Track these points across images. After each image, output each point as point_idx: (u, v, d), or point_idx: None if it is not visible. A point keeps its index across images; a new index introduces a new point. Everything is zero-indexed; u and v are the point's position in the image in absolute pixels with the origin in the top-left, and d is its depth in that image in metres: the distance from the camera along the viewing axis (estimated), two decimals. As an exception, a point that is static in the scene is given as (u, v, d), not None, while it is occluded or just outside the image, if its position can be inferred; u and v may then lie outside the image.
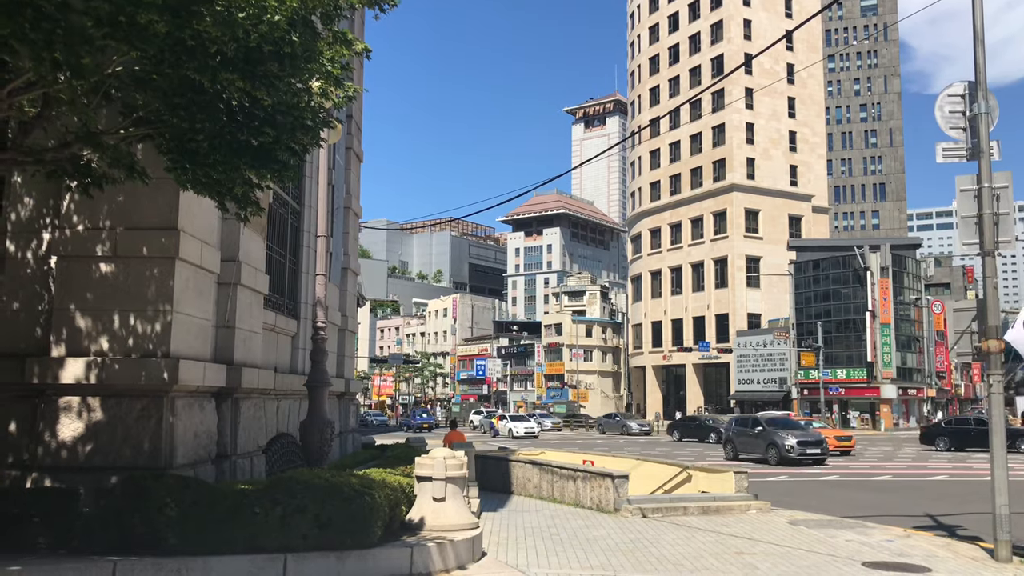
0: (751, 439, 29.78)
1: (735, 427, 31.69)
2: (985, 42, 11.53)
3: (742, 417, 34.92)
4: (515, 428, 49.61)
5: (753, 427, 30.31)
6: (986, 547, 10.85)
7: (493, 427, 53.90)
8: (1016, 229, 11.72)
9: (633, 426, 57.99)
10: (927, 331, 67.50)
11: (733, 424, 32.42)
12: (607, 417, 63.36)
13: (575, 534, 11.72)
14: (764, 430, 29.59)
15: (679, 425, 50.09)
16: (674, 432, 48.98)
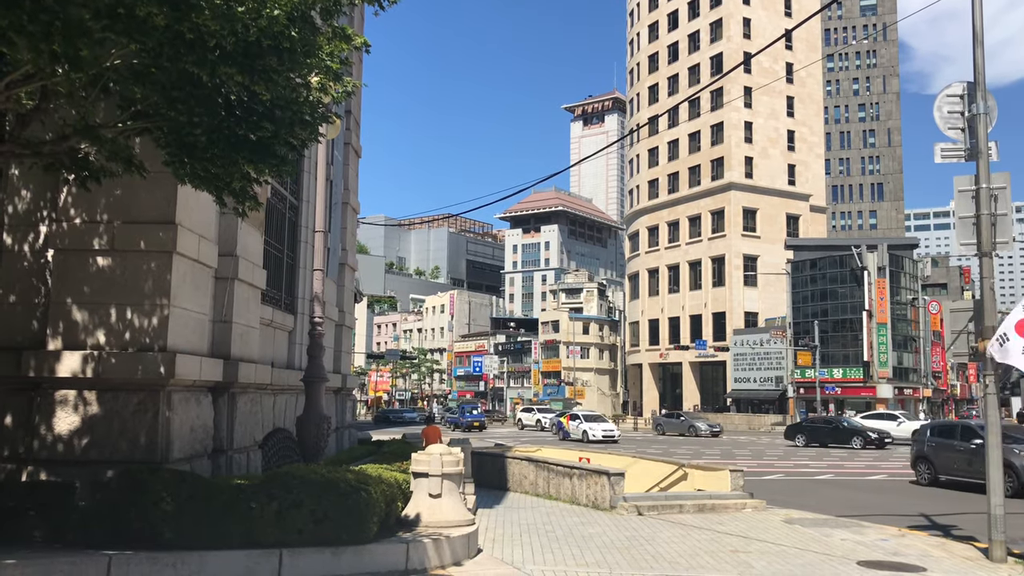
0: (962, 456, 20.32)
1: (934, 437, 21.98)
2: (984, 43, 11.53)
3: (944, 424, 24.33)
4: (591, 430, 42.27)
5: (965, 438, 20.69)
6: (980, 547, 10.88)
7: (562, 427, 45.86)
8: (1014, 230, 11.72)
9: (701, 427, 50.79)
10: (924, 331, 67.59)
11: (929, 434, 22.48)
12: (668, 416, 56.88)
13: (571, 531, 11.73)
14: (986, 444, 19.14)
15: (805, 428, 41.43)
16: (797, 436, 40.70)
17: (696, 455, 30.69)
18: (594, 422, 43.70)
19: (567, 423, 45.03)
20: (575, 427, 43.67)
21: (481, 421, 59.11)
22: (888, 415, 47.47)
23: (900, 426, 43.68)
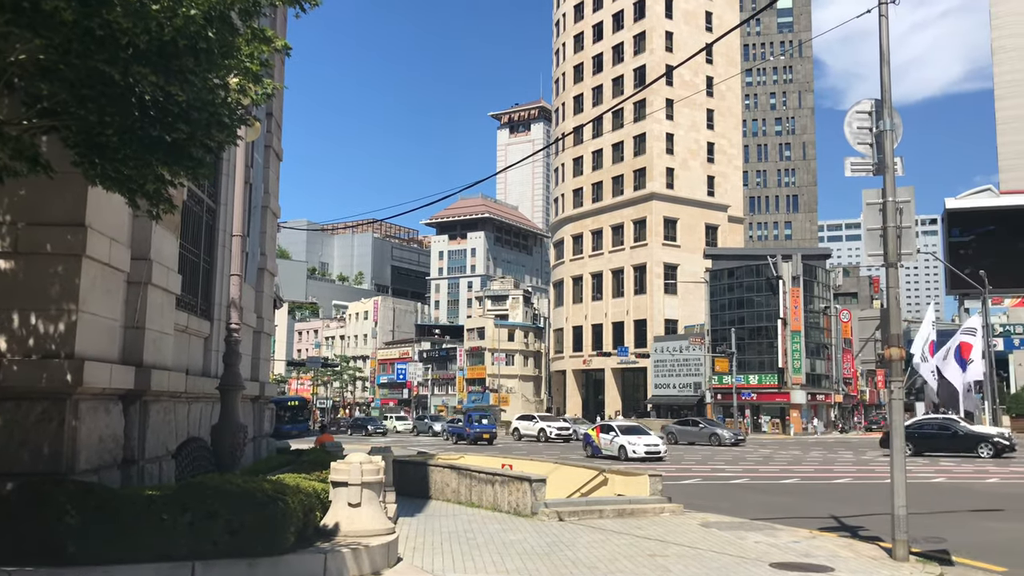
0: None
1: None
2: (891, 63, 12.04)
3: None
4: (631, 445, 33.47)
5: None
6: (885, 546, 11.29)
7: (591, 442, 36.54)
8: (917, 242, 12.24)
9: (725, 435, 45.41)
10: (835, 338, 70.04)
11: None
12: (683, 423, 49.60)
13: (492, 538, 11.74)
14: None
15: (914, 434, 34.37)
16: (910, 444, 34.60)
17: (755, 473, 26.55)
18: (633, 435, 34.73)
19: (597, 436, 36.20)
20: (608, 441, 35.14)
21: (492, 432, 48.79)
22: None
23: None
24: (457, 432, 50.35)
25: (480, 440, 46.51)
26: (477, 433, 47.56)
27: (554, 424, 52.50)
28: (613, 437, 34.77)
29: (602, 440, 35.49)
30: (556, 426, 51.85)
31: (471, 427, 48.70)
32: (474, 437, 47.06)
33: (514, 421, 57.47)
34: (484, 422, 50.65)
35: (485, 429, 48.56)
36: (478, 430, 47.96)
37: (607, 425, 37.24)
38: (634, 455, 32.69)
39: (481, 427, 48.95)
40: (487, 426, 49.89)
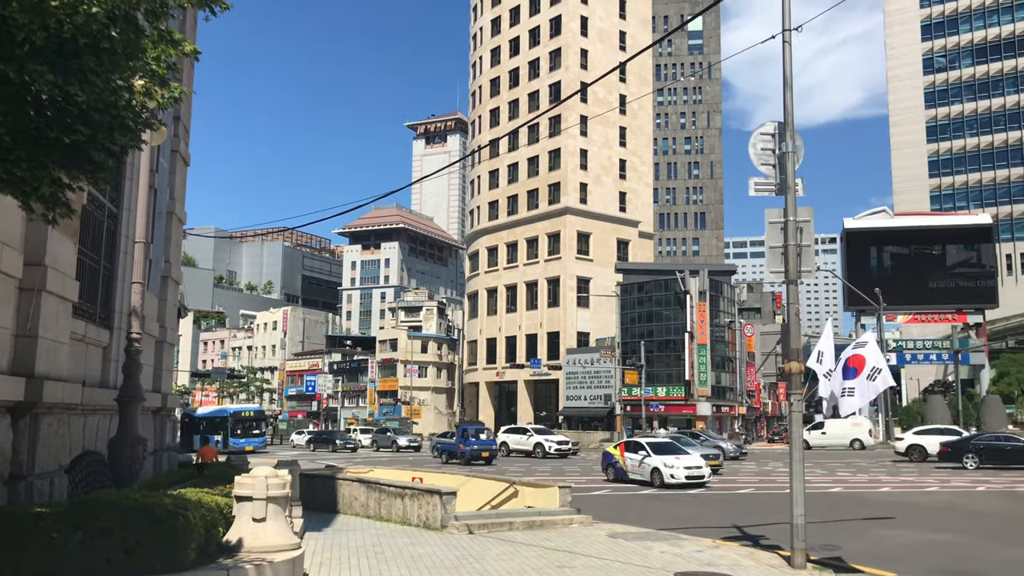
0: None
1: None
2: (794, 87, 12.52)
3: None
4: (669, 468, 25.90)
5: None
6: (784, 555, 11.67)
7: (612, 463, 28.77)
8: (816, 260, 12.73)
9: (729, 448, 41.67)
10: (739, 352, 72.17)
11: None
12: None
13: (401, 552, 11.63)
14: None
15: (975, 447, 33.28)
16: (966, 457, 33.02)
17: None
18: (668, 454, 27.06)
19: (621, 456, 28.30)
20: (636, 463, 27.39)
21: (492, 449, 41.02)
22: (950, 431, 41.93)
23: None
24: (447, 449, 42.20)
25: (477, 459, 39.19)
26: (474, 451, 39.61)
27: (553, 438, 47.32)
28: (644, 458, 27.03)
29: (628, 461, 27.72)
30: (556, 440, 46.90)
31: (467, 443, 40.14)
32: (470, 456, 39.25)
33: (501, 434, 51.50)
34: (483, 437, 41.82)
35: (484, 446, 40.57)
36: (475, 447, 39.90)
37: (634, 442, 29.12)
38: (672, 481, 25.48)
39: (480, 444, 40.56)
40: (486, 442, 41.44)
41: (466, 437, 40.90)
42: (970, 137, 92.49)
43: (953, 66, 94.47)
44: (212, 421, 58.60)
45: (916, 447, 39.10)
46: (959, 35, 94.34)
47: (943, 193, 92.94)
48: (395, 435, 62.03)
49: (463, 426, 44.55)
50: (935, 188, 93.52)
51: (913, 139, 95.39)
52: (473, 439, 40.75)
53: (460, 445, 40.49)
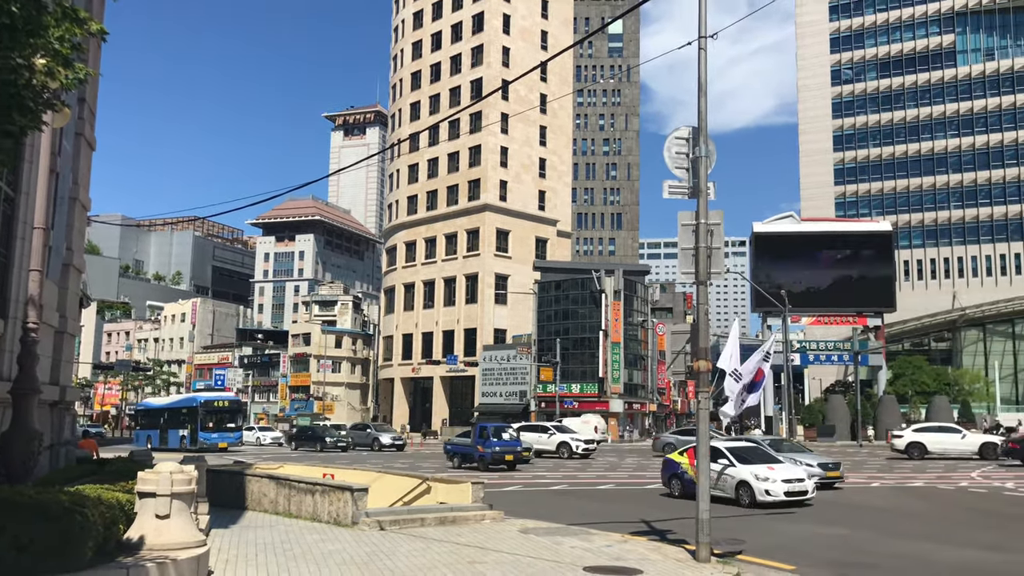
0: None
1: None
2: (709, 93, 12.85)
3: None
4: (763, 482, 19.55)
5: None
6: (690, 549, 11.96)
7: (679, 472, 21.70)
8: (726, 263, 13.09)
9: None
10: (651, 350, 73.70)
11: None
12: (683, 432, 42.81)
13: (310, 549, 11.47)
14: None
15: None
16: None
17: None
18: (758, 462, 20.38)
19: (688, 464, 20.77)
20: (714, 474, 19.36)
21: (515, 452, 33.13)
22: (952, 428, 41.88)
23: (964, 439, 39.44)
24: (460, 451, 34.37)
25: (498, 464, 31.73)
26: (496, 454, 32.04)
27: (580, 436, 42.55)
28: (724, 468, 20.14)
29: None
30: (583, 439, 42.04)
31: (487, 444, 32.41)
32: (491, 459, 31.91)
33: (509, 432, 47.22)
34: (505, 437, 33.85)
35: (507, 448, 32.67)
36: (497, 449, 32.20)
37: (712, 447, 18.09)
38: (767, 499, 19.11)
39: (503, 445, 32.68)
40: (510, 443, 33.36)
41: (485, 437, 32.92)
42: (873, 147, 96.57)
43: (859, 78, 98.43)
44: (176, 413, 50.19)
45: (916, 444, 38.93)
46: (865, 49, 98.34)
47: (847, 200, 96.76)
48: (376, 431, 52.81)
49: (480, 424, 35.81)
50: (840, 195, 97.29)
51: (820, 147, 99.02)
52: (494, 439, 32.93)
53: (478, 447, 32.75)
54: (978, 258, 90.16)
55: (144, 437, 50.45)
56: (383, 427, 57.34)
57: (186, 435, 46.70)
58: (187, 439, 46.33)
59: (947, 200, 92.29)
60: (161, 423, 49.84)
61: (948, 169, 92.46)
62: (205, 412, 47.24)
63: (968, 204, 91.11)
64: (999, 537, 14.93)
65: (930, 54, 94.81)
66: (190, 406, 48.68)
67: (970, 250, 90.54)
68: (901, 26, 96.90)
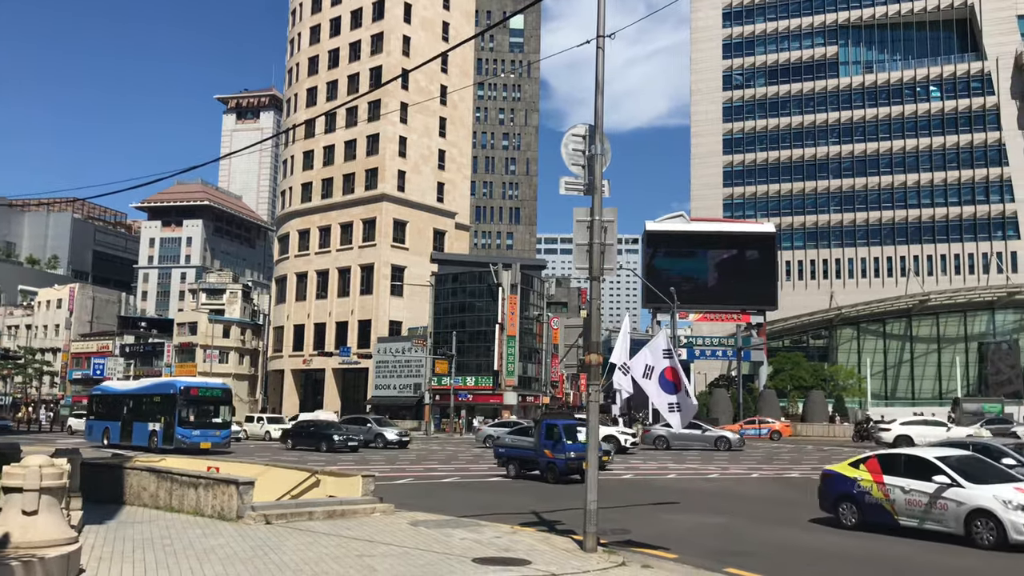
0: None
1: None
2: (606, 92, 13.05)
3: None
4: (1020, 514, 12.62)
5: None
6: (578, 539, 12.18)
7: (854, 494, 15.08)
8: (619, 259, 13.36)
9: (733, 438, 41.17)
10: (546, 344, 74.61)
11: None
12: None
13: (191, 544, 11.10)
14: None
15: None
16: None
17: None
18: (1002, 481, 13.87)
19: (875, 483, 14.86)
20: (923, 497, 14.02)
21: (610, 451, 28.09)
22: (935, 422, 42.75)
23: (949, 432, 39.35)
24: (520, 456, 26.02)
25: (576, 472, 23.20)
26: (573, 460, 23.45)
27: (628, 430, 40.27)
28: (943, 489, 13.77)
29: (897, 493, 14.44)
30: (631, 432, 40.28)
31: (560, 448, 24.05)
32: (564, 468, 23.92)
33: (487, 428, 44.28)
34: (581, 439, 23.50)
35: (581, 452, 21.84)
36: (574, 455, 23.34)
37: (912, 458, 14.86)
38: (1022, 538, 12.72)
39: (581, 449, 22.62)
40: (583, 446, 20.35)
41: (555, 439, 24.31)
42: (760, 152, 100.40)
43: (749, 84, 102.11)
44: (144, 401, 39.65)
45: (904, 437, 38.99)
46: (755, 56, 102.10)
47: (735, 202, 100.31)
48: (379, 427, 45.41)
49: (547, 420, 26.14)
50: (728, 197, 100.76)
51: (711, 150, 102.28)
52: (568, 442, 23.98)
53: (545, 450, 24.47)
54: (854, 260, 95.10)
55: (100, 430, 41.15)
56: (384, 421, 49.53)
57: (157, 430, 37.27)
58: (159, 435, 37.05)
59: (827, 204, 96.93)
60: (124, 413, 40.07)
61: (829, 175, 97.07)
62: (185, 402, 37.05)
63: (846, 209, 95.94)
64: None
65: (815, 64, 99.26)
66: (165, 393, 38.56)
67: (847, 252, 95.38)
68: (789, 35, 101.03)
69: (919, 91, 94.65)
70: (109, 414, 41.46)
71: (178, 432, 36.06)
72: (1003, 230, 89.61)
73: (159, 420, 37.50)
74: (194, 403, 37.32)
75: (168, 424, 36.78)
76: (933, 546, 13.26)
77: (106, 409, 42.09)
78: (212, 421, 37.63)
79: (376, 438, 43.57)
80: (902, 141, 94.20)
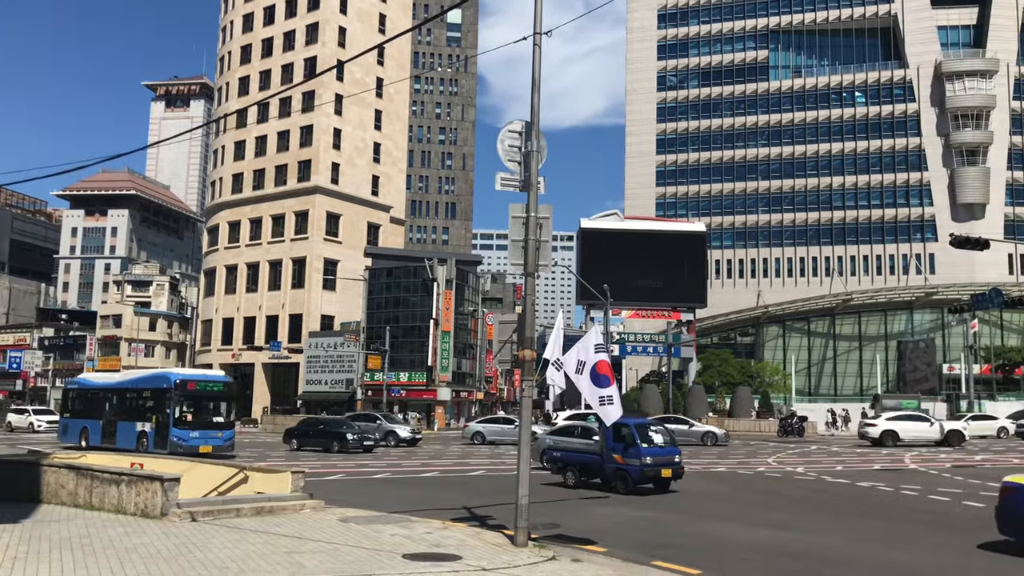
0: None
1: None
2: (543, 90, 13.09)
3: None
4: None
5: None
6: (509, 534, 12.24)
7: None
8: (553, 256, 13.45)
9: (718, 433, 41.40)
10: (480, 340, 74.67)
11: None
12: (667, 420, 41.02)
13: (112, 543, 10.79)
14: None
15: None
16: None
17: None
18: None
19: None
20: None
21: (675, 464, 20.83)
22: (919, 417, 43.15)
23: (932, 428, 40.59)
24: (581, 461, 21.96)
25: (650, 482, 20.27)
26: (649, 467, 19.96)
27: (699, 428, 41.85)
28: None
29: None
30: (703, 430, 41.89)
31: (633, 453, 20.12)
32: (642, 476, 19.99)
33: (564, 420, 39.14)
34: (658, 440, 20.90)
35: (664, 457, 20.35)
36: (650, 461, 20.00)
37: None
38: None
39: (658, 454, 20.29)
40: (667, 450, 20.77)
41: (628, 442, 20.24)
42: (692, 152, 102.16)
43: (682, 86, 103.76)
44: (131, 397, 34.54)
45: (889, 432, 39.45)
46: (689, 58, 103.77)
47: (667, 201, 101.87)
48: (389, 423, 42.88)
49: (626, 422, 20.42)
50: (661, 196, 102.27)
51: (645, 149, 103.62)
52: (644, 445, 20.08)
53: (615, 455, 20.42)
54: (781, 260, 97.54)
55: (76, 430, 36.11)
56: (392, 417, 46.86)
57: (148, 430, 32.05)
58: (149, 437, 31.81)
59: (756, 205, 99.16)
60: (107, 411, 35.02)
61: (758, 176, 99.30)
62: (181, 397, 31.56)
63: (774, 210, 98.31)
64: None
65: (746, 67, 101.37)
66: (157, 387, 32.88)
67: (774, 252, 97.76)
68: (722, 39, 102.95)
69: (845, 96, 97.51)
70: (88, 411, 36.34)
71: (173, 433, 30.77)
72: (922, 232, 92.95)
73: (149, 419, 32.36)
74: (191, 399, 31.92)
75: (161, 424, 31.58)
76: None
77: (84, 406, 36.91)
78: (213, 420, 32.30)
79: (387, 436, 40.45)
80: (828, 144, 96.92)
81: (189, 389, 31.86)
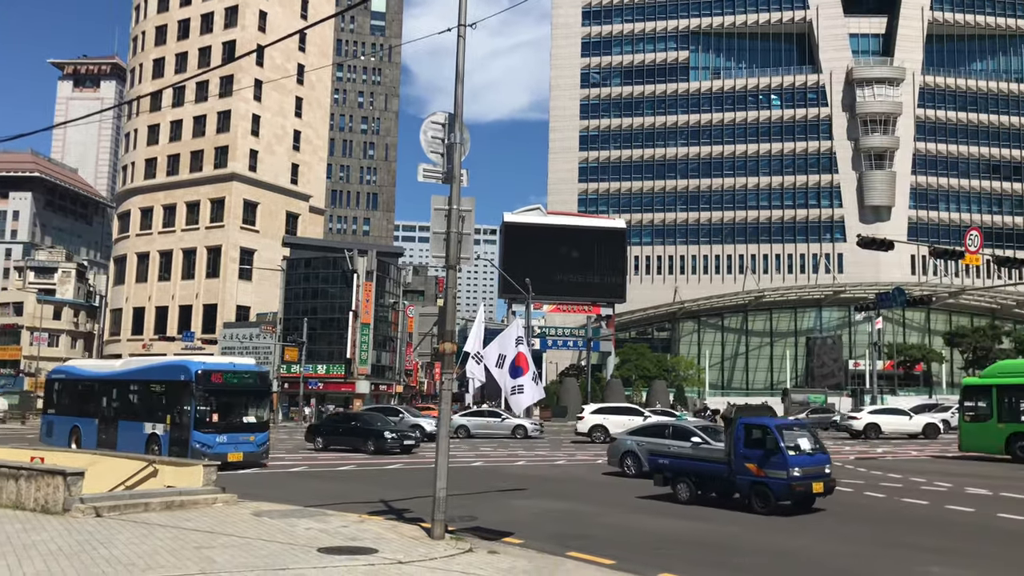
0: None
1: None
2: (467, 82, 13.05)
3: None
4: None
5: None
6: (426, 527, 12.21)
7: None
8: (478, 249, 13.46)
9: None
10: (401, 332, 74.18)
11: None
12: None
13: (9, 540, 10.34)
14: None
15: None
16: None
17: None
18: None
19: None
20: None
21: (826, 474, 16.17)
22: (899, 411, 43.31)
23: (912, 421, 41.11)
24: (699, 471, 17.29)
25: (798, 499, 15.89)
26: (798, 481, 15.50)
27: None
28: None
29: None
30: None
31: (771, 463, 15.67)
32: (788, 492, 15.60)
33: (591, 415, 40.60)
34: (805, 446, 16.08)
35: (815, 467, 15.88)
36: (799, 473, 15.49)
37: None
38: None
39: (806, 464, 15.69)
40: (817, 458, 16.03)
41: (771, 448, 15.76)
42: (614, 150, 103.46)
43: (606, 83, 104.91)
44: (139, 391, 27.91)
45: (872, 426, 40.08)
46: (612, 56, 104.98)
47: (589, 197, 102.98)
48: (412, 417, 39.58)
49: (747, 419, 16.55)
50: (583, 192, 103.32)
51: (568, 146, 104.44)
52: (791, 453, 15.64)
53: (748, 464, 16.10)
54: (697, 257, 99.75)
55: (65, 430, 29.79)
56: (413, 411, 42.73)
57: (160, 433, 25.50)
58: (162, 440, 25.29)
59: (674, 203, 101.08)
60: (104, 408, 28.47)
61: (677, 175, 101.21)
62: (204, 392, 24.84)
63: (691, 208, 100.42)
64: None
65: (667, 67, 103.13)
66: (172, 379, 26.12)
67: (691, 249, 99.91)
68: (644, 38, 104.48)
69: (761, 99, 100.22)
70: (79, 408, 29.86)
71: (195, 438, 24.19)
72: (831, 233, 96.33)
73: (162, 419, 25.76)
74: (217, 394, 25.22)
75: (178, 425, 25.00)
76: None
77: (74, 400, 30.53)
78: (243, 421, 25.65)
79: (412, 429, 35.26)
80: (744, 146, 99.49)
81: (214, 382, 25.18)
